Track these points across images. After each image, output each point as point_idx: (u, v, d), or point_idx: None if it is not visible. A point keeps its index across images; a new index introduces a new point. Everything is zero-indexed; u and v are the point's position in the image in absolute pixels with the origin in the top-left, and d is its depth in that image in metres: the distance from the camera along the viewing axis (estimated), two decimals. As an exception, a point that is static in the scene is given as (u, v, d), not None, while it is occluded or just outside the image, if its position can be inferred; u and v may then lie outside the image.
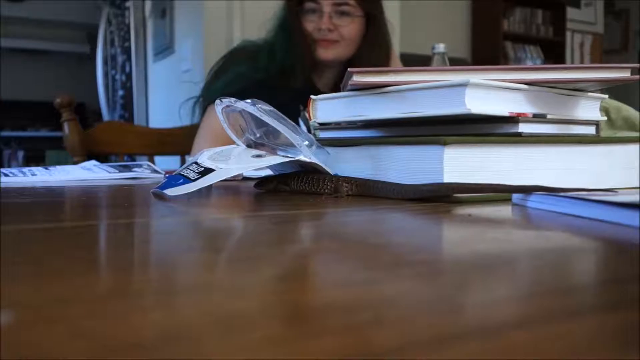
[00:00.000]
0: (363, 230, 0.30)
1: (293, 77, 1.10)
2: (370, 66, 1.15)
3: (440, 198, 0.41)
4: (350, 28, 1.12)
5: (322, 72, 1.18)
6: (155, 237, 0.29)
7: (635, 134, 0.72)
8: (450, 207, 0.39)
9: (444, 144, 0.42)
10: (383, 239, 0.28)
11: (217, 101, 0.50)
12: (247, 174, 0.70)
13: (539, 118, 0.47)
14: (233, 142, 0.55)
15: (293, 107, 1.07)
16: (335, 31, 1.11)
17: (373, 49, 1.15)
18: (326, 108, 0.56)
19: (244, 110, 0.49)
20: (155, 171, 0.79)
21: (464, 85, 0.44)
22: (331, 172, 0.49)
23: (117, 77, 3.11)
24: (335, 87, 1.19)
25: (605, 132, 0.76)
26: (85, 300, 0.16)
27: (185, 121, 1.28)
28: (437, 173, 0.43)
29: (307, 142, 0.48)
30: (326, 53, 1.12)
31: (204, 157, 0.49)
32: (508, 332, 0.14)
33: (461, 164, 0.43)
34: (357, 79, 0.48)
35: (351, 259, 0.22)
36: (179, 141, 1.31)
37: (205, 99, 1.18)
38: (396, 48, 2.44)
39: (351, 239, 0.27)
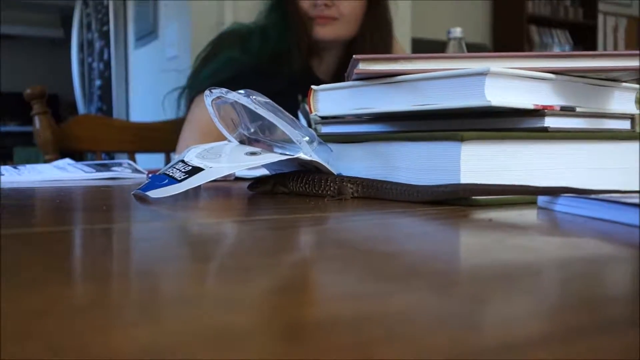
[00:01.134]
0: (370, 236, 0.30)
1: (288, 61, 1.11)
2: (374, 48, 1.16)
3: (456, 201, 0.41)
4: (350, 4, 1.12)
5: (321, 57, 1.18)
6: (137, 244, 0.29)
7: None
8: (468, 211, 0.39)
9: (461, 140, 0.42)
10: (393, 246, 0.28)
11: (207, 92, 0.50)
12: (239, 173, 0.70)
13: (567, 111, 0.47)
14: (224, 138, 0.55)
15: (290, 97, 1.07)
16: (333, 7, 1.11)
17: (377, 28, 1.15)
18: (329, 99, 0.56)
19: (236, 102, 0.49)
20: (137, 170, 0.80)
21: (483, 74, 0.44)
22: (334, 171, 0.49)
23: (94, 65, 3.11)
24: (337, 73, 1.19)
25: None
26: (62, 314, 0.16)
27: (170, 115, 1.29)
28: (454, 173, 0.43)
29: (307, 138, 0.48)
30: (324, 31, 1.11)
31: (192, 155, 0.49)
32: (532, 350, 0.14)
33: (480, 162, 0.43)
34: (364, 67, 0.48)
35: (357, 269, 0.22)
36: (163, 137, 1.32)
37: (192, 89, 1.18)
38: (407, 32, 2.44)
39: (357, 247, 0.27)
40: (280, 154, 0.49)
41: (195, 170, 0.46)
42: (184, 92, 1.22)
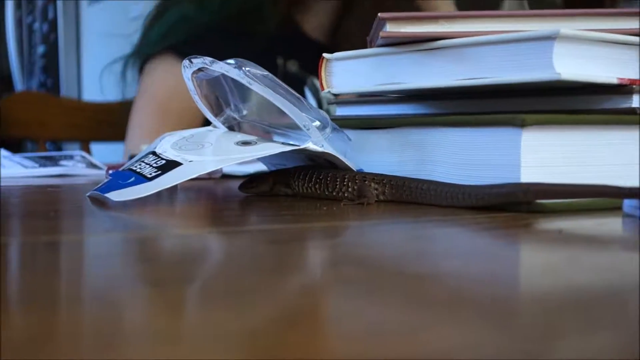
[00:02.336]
0: (401, 253, 0.30)
1: (261, 20, 1.11)
2: None
3: (515, 206, 0.41)
4: None
5: (308, 7, 1.18)
6: (94, 262, 0.30)
7: None
8: (530, 218, 0.39)
9: (522, 125, 0.42)
10: (431, 266, 0.28)
11: (185, 62, 0.50)
12: (228, 169, 0.70)
13: (663, 87, 0.47)
14: (190, 116, 0.55)
15: (268, 63, 1.07)
16: None
17: None
18: (346, 72, 0.56)
19: (224, 75, 0.49)
20: (93, 165, 0.80)
21: (550, 38, 0.43)
22: (353, 167, 0.49)
23: (36, 26, 3.13)
24: (335, 28, 1.19)
25: None
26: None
27: (115, 94, 1.29)
28: (511, 168, 0.42)
29: (317, 123, 0.48)
30: None
31: (166, 145, 0.49)
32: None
33: (547, 155, 0.43)
34: (392, 28, 0.48)
35: (384, 296, 0.22)
36: (127, 121, 1.32)
37: (141, 55, 1.19)
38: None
39: (384, 266, 0.27)
40: (282, 143, 0.49)
41: (171, 165, 0.46)
42: (129, 62, 1.22)
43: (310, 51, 1.27)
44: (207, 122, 0.54)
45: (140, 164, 0.48)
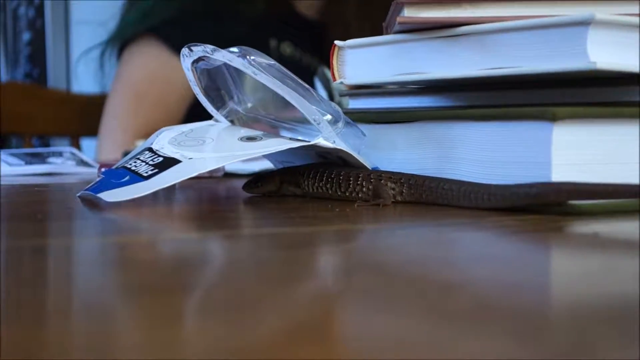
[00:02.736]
0: (421, 259, 0.30)
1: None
2: None
3: (546, 207, 0.41)
4: None
5: None
6: (84, 269, 0.30)
7: None
8: (562, 221, 0.39)
9: (553, 119, 0.42)
10: (454, 273, 0.28)
11: (184, 50, 0.50)
12: (230, 167, 0.70)
13: None
14: (170, 105, 0.55)
15: (259, 41, 1.07)
16: None
17: None
18: (360, 61, 0.56)
19: (226, 64, 0.49)
20: (84, 163, 0.80)
21: (585, 23, 0.43)
22: (368, 165, 0.49)
23: (21, 11, 3.14)
24: (329, 7, 1.20)
25: None
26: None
27: (91, 86, 1.30)
28: (541, 166, 0.42)
29: (329, 117, 0.48)
30: None
31: (163, 141, 0.49)
32: None
33: (580, 151, 0.43)
34: (411, 13, 0.48)
35: (403, 306, 0.22)
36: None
37: (118, 40, 1.19)
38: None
39: (402, 274, 0.27)
40: (290, 139, 0.49)
41: (169, 162, 0.47)
42: (107, 48, 1.22)
43: (305, 31, 1.28)
44: (191, 113, 0.54)
45: (135, 162, 0.48)
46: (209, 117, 0.54)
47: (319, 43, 1.26)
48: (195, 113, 1.14)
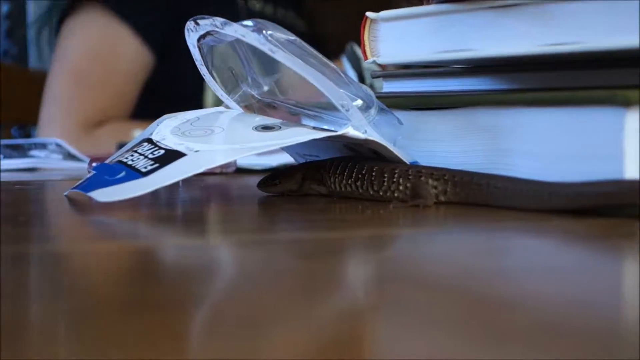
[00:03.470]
0: (468, 269, 0.30)
1: None
2: None
3: (617, 209, 0.41)
4: None
5: None
6: (75, 279, 0.30)
7: None
8: (636, 225, 0.38)
9: (626, 104, 0.42)
10: (508, 286, 0.28)
11: (189, 24, 0.51)
12: (243, 162, 0.71)
13: None
14: (136, 93, 0.55)
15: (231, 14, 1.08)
16: None
17: None
18: (396, 36, 0.56)
19: (238, 40, 0.49)
20: (72, 156, 0.81)
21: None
22: (406, 159, 0.49)
23: (-1, -20, 3.17)
24: None
25: None
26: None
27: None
28: (611, 160, 0.42)
29: (360, 102, 0.48)
30: None
31: (165, 131, 0.50)
32: None
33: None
34: (457, -21, 0.48)
35: (448, 324, 0.22)
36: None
37: (57, 11, 1.21)
38: None
39: (446, 287, 0.27)
40: (314, 128, 0.49)
41: (171, 155, 0.47)
42: (45, 21, 1.23)
43: None
44: (153, 96, 0.51)
45: (132, 155, 0.48)
46: (174, 101, 0.54)
47: None
48: (153, 94, 1.13)
